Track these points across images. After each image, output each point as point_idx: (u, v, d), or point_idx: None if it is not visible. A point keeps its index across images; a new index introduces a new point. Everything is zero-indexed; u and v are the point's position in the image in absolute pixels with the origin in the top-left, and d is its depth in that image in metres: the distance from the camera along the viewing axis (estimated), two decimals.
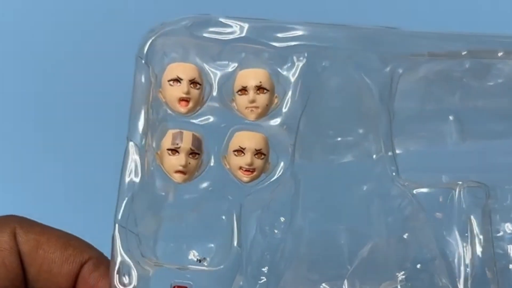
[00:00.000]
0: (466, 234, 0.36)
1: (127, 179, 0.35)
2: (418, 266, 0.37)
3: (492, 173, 0.38)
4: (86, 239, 0.37)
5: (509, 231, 0.37)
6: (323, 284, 0.37)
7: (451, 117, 0.39)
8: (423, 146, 0.39)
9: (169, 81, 0.36)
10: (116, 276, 0.33)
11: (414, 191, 0.37)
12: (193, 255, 0.36)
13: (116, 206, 0.34)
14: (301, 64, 0.37)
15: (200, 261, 0.36)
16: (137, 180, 0.35)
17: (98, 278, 0.36)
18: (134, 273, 0.34)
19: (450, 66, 0.38)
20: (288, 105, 0.37)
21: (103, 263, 0.36)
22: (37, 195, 0.56)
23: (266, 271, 0.36)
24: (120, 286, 0.34)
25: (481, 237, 0.36)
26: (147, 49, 0.36)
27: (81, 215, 0.53)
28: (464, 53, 0.38)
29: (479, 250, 0.36)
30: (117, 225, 0.34)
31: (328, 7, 0.51)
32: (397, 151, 0.38)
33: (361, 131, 0.38)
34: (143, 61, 0.36)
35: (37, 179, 0.56)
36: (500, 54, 0.38)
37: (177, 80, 0.36)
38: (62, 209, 0.54)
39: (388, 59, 0.37)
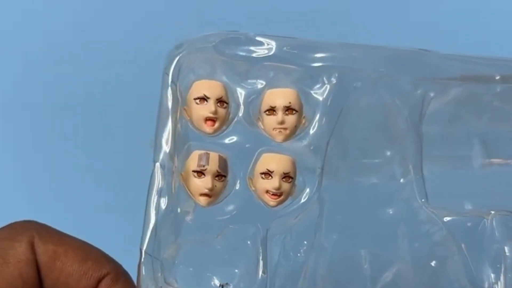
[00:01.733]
0: (498, 266, 0.35)
1: (153, 205, 0.33)
2: None
3: None
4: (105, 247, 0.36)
5: None
6: None
7: (478, 141, 0.38)
8: (449, 170, 0.38)
9: (195, 99, 0.35)
10: None
11: (444, 219, 0.36)
12: (215, 280, 0.35)
13: (142, 233, 0.33)
14: (331, 84, 0.36)
15: (222, 286, 0.35)
16: (163, 206, 0.34)
17: None
18: None
19: (480, 90, 0.37)
20: (316, 126, 0.36)
21: (121, 279, 0.35)
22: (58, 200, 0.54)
23: None
24: None
25: None
26: (174, 66, 0.35)
27: (102, 222, 0.52)
28: (497, 78, 0.37)
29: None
30: (143, 253, 0.32)
31: (360, 28, 0.50)
32: (427, 175, 0.37)
33: (389, 153, 0.37)
34: (170, 79, 0.35)
35: (60, 186, 0.55)
36: None
37: (204, 98, 0.35)
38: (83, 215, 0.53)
39: (419, 82, 0.36)
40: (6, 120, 0.55)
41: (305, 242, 0.36)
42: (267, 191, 0.35)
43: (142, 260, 0.32)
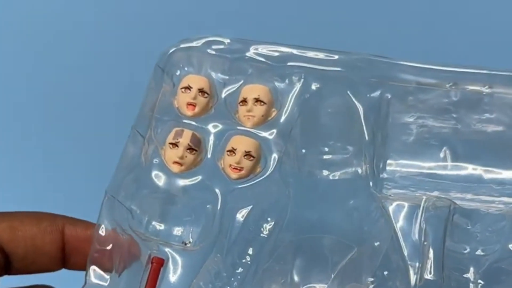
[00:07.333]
0: (426, 243, 0.38)
1: (126, 159, 0.40)
2: (385, 273, 0.39)
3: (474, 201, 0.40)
4: None
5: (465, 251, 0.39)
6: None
7: (439, 143, 0.41)
8: (408, 167, 0.42)
9: (181, 88, 0.42)
10: (97, 237, 0.38)
11: (391, 205, 0.39)
12: (178, 233, 0.40)
13: (111, 178, 0.39)
14: (299, 83, 0.42)
15: (186, 244, 0.40)
16: (137, 162, 0.40)
17: (85, 228, 0.39)
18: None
19: (437, 96, 0.41)
20: (285, 118, 0.42)
21: (79, 223, 0.39)
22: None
23: (245, 263, 0.39)
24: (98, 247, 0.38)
25: (436, 248, 0.38)
26: (167, 60, 0.42)
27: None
28: (449, 85, 0.41)
29: (431, 259, 0.38)
30: (107, 193, 0.39)
31: (329, 35, 0.56)
32: (385, 169, 0.41)
33: (349, 148, 0.42)
34: (162, 70, 0.42)
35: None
36: (485, 88, 0.40)
37: (188, 88, 0.42)
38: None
39: (377, 85, 0.41)
40: None
41: (268, 219, 0.40)
42: (230, 165, 0.41)
43: (105, 200, 0.39)
